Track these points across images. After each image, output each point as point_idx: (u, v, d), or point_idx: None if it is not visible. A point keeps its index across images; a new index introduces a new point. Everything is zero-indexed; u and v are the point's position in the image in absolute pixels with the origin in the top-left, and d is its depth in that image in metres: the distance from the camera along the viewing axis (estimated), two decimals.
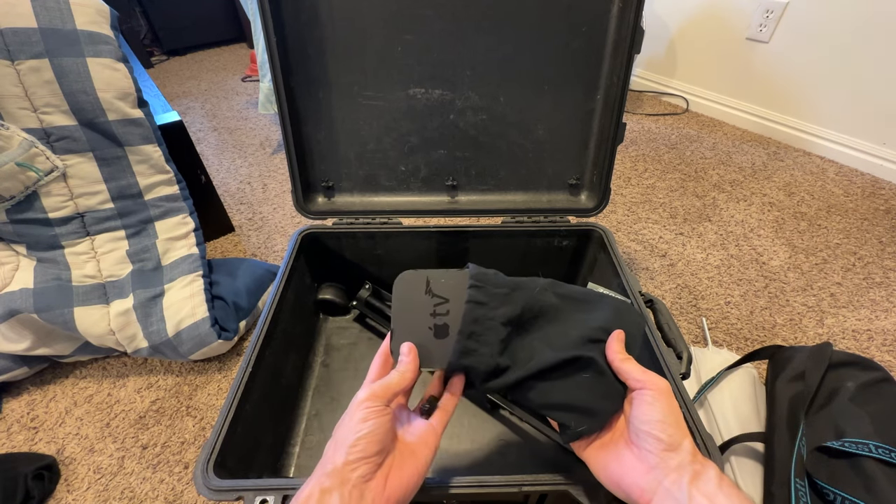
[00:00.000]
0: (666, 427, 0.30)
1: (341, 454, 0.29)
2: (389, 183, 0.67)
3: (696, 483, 0.28)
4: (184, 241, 0.75)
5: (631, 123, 1.42)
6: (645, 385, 0.32)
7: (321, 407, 0.63)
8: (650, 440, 0.30)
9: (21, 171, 0.60)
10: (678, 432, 0.30)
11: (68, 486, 0.59)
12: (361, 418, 0.30)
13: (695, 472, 0.29)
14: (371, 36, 0.56)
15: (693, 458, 0.29)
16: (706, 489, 0.27)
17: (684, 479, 0.28)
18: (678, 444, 0.30)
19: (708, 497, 0.27)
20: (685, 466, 0.29)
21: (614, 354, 0.34)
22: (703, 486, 0.28)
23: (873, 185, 1.12)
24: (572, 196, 0.68)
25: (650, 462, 0.30)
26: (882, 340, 0.75)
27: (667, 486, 0.29)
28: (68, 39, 0.61)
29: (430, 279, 0.38)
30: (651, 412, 0.31)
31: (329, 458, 0.30)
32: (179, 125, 0.82)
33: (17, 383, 0.71)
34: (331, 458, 0.30)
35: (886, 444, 0.45)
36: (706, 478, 0.28)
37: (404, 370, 0.35)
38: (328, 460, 0.30)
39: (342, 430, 0.31)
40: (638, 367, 0.33)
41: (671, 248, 0.95)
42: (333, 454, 0.30)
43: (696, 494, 0.27)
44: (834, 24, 1.11)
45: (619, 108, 0.58)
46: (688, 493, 0.28)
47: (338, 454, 0.29)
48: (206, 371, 0.73)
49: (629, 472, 0.31)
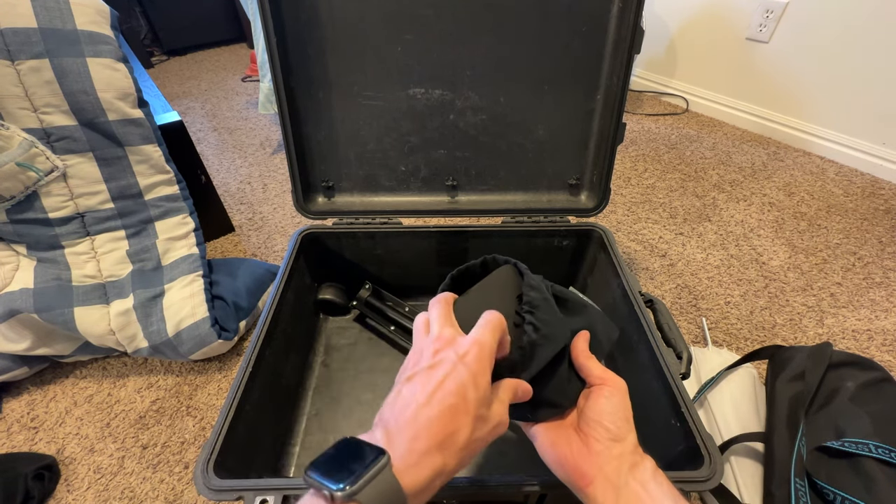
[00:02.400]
0: (615, 420, 0.32)
1: (469, 458, 0.28)
2: (389, 183, 0.67)
3: (634, 472, 0.31)
4: (184, 241, 0.74)
5: (631, 123, 1.42)
6: (605, 382, 0.34)
7: (321, 407, 0.63)
8: (599, 429, 0.32)
9: (21, 171, 0.60)
10: (626, 426, 0.32)
11: (68, 485, 0.59)
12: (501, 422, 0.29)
13: (633, 463, 0.31)
14: (371, 36, 0.56)
15: (634, 450, 0.32)
16: (641, 477, 0.30)
17: (623, 467, 0.31)
18: (624, 437, 0.32)
19: (642, 484, 0.30)
20: (625, 456, 0.31)
21: (579, 352, 0.36)
22: (640, 474, 0.30)
23: (873, 185, 1.12)
24: (572, 196, 0.68)
25: (594, 448, 0.32)
26: (882, 340, 0.75)
27: (606, 472, 0.31)
28: (68, 39, 0.61)
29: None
30: (605, 405, 0.33)
31: (464, 458, 0.27)
32: (179, 125, 0.82)
33: (17, 383, 0.71)
34: (466, 458, 0.27)
35: (886, 444, 0.45)
36: (643, 468, 0.31)
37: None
38: (462, 460, 0.27)
39: (481, 422, 0.28)
40: (599, 365, 0.35)
41: (671, 248, 0.95)
42: (471, 453, 0.28)
43: (631, 481, 0.30)
44: (834, 25, 1.11)
45: (619, 108, 0.58)
46: (625, 479, 0.30)
47: (470, 457, 0.28)
48: (206, 371, 0.73)
49: (573, 454, 0.33)
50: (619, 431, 0.32)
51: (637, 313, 0.54)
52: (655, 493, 0.29)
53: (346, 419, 0.61)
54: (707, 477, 0.38)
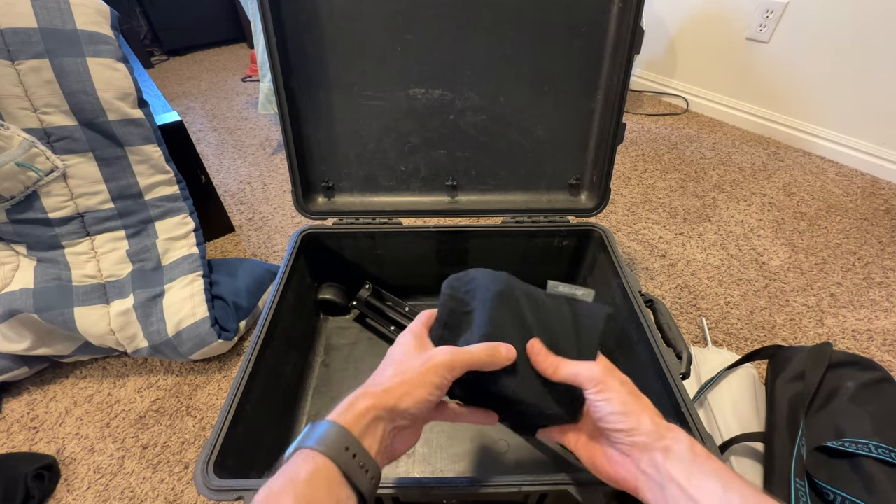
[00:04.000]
0: (616, 416, 0.30)
1: (405, 400, 0.29)
2: (389, 183, 0.67)
3: (669, 460, 0.28)
4: (184, 241, 0.74)
5: (631, 123, 1.42)
6: (581, 382, 0.32)
7: (321, 407, 0.63)
8: (611, 433, 0.31)
9: (21, 171, 0.60)
10: (633, 415, 0.30)
11: (68, 485, 0.59)
12: (436, 385, 0.30)
13: (664, 448, 0.28)
14: (371, 36, 0.56)
15: (656, 432, 0.29)
16: (680, 466, 0.27)
17: (657, 458, 0.28)
18: (636, 426, 0.29)
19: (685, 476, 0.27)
20: (652, 445, 0.29)
21: (534, 354, 0.34)
22: (677, 463, 0.28)
23: (873, 185, 1.12)
24: (572, 196, 0.68)
25: (622, 451, 0.31)
26: (882, 340, 0.75)
27: (645, 471, 0.29)
28: (68, 39, 0.61)
29: None
30: (600, 406, 0.31)
31: (391, 390, 0.29)
32: (179, 125, 0.82)
33: (17, 383, 0.71)
34: (393, 391, 0.29)
35: (886, 444, 0.45)
36: (676, 453, 0.28)
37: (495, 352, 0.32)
38: (390, 393, 0.29)
39: (410, 368, 0.31)
40: (569, 363, 0.33)
41: (671, 248, 0.95)
42: (399, 391, 0.29)
43: (673, 474, 0.27)
44: (834, 24, 1.11)
45: (619, 108, 0.58)
46: (665, 473, 0.27)
47: (402, 398, 0.29)
48: (206, 371, 0.73)
49: (611, 464, 0.31)
50: (629, 423, 0.29)
51: (637, 313, 0.54)
52: (698, 482, 0.27)
53: None
54: None
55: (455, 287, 0.38)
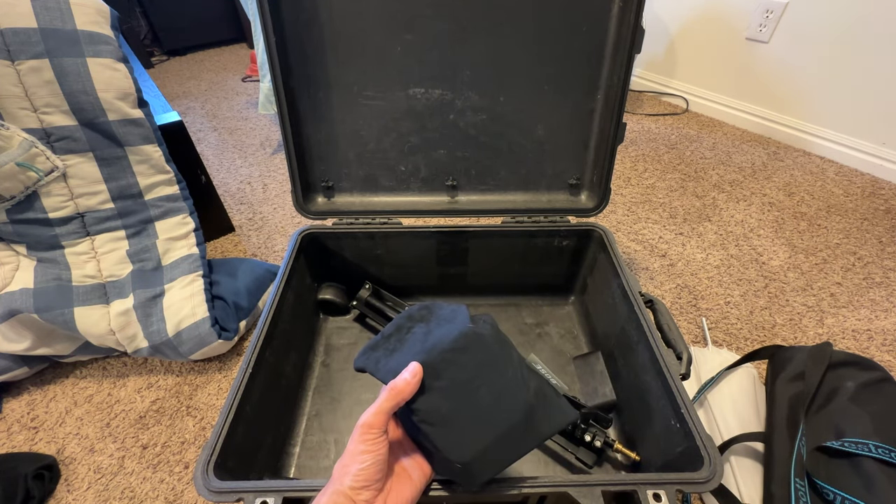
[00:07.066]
0: None
1: (348, 479, 0.32)
2: (389, 183, 0.67)
3: None
4: (184, 241, 0.74)
5: (631, 123, 1.42)
6: None
7: (321, 407, 0.63)
8: None
9: (21, 171, 0.60)
10: None
11: (68, 485, 0.59)
12: (362, 451, 0.32)
13: None
14: (371, 36, 0.56)
15: None
16: None
17: None
18: None
19: None
20: None
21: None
22: None
23: (873, 185, 1.12)
24: (572, 196, 0.68)
25: None
26: (882, 340, 0.75)
27: None
28: (68, 39, 0.61)
29: None
30: None
31: (338, 478, 0.33)
32: (179, 125, 0.82)
33: (17, 383, 0.71)
34: (339, 479, 0.33)
35: (886, 444, 0.45)
36: None
37: (400, 387, 0.34)
38: (337, 480, 0.33)
39: (347, 455, 0.33)
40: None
41: (671, 248, 0.95)
42: (341, 476, 0.32)
43: None
44: (834, 25, 1.11)
45: (619, 108, 0.58)
46: None
47: (345, 478, 0.32)
48: (207, 371, 0.73)
49: None
50: None
51: (637, 313, 0.54)
52: None
53: (345, 419, 0.61)
54: (707, 478, 0.38)
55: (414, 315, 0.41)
